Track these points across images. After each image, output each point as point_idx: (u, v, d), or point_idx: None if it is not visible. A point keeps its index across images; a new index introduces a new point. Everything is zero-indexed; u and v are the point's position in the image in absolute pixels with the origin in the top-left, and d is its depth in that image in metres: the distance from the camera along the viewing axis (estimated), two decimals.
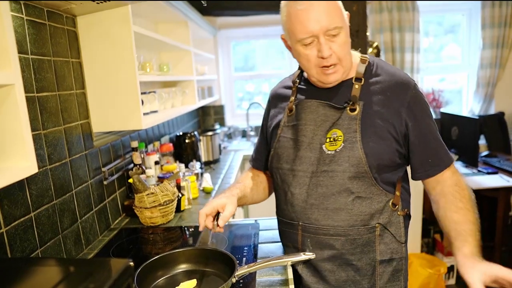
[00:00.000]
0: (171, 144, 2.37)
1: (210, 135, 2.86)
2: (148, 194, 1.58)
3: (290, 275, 1.14)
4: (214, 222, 1.10)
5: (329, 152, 1.08)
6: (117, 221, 1.71)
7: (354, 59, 1.16)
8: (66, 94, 1.35)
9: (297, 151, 1.13)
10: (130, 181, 1.62)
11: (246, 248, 1.34)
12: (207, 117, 3.91)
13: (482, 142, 3.49)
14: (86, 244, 1.43)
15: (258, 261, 1.13)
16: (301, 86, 1.21)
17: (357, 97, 1.09)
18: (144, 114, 1.58)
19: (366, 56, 1.16)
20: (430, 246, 3.25)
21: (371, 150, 1.05)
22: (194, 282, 1.08)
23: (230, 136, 3.89)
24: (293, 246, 1.17)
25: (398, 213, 1.12)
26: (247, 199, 1.30)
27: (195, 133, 2.57)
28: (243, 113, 3.95)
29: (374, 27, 3.45)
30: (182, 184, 1.86)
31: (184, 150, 2.50)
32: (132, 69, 1.47)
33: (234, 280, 1.03)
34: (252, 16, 3.62)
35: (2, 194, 1.00)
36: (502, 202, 2.71)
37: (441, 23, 3.83)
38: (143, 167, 1.81)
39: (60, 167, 1.29)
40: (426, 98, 1.14)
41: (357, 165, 1.05)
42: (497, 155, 3.26)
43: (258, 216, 1.71)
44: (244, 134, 3.91)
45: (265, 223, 1.56)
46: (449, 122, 3.23)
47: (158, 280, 1.11)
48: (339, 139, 1.07)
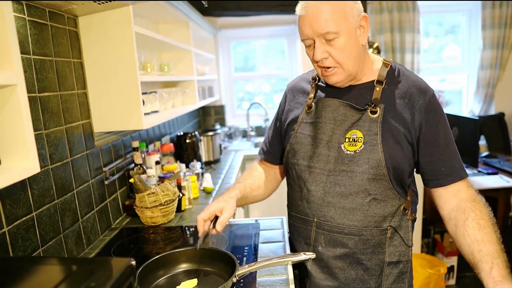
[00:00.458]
0: (172, 144, 2.37)
1: (211, 135, 2.86)
2: (149, 194, 1.59)
3: (291, 275, 1.15)
4: (210, 226, 1.13)
5: (348, 152, 1.09)
6: (118, 220, 1.72)
7: (377, 63, 1.17)
8: (67, 94, 1.35)
9: (315, 148, 1.14)
10: (131, 181, 1.62)
11: (246, 248, 1.34)
12: (208, 117, 3.92)
13: (482, 142, 3.49)
14: (87, 243, 1.43)
15: (259, 260, 1.14)
16: (321, 83, 1.22)
17: (378, 100, 1.10)
18: (145, 114, 1.59)
19: (389, 60, 1.17)
20: (430, 246, 3.25)
21: (388, 154, 1.06)
22: (194, 282, 1.09)
23: (230, 136, 3.89)
24: (304, 242, 1.19)
25: (408, 217, 1.14)
26: (248, 199, 1.30)
27: (196, 133, 2.58)
28: (244, 113, 3.96)
29: (375, 28, 3.45)
30: (183, 184, 1.87)
31: (184, 150, 2.51)
32: (133, 69, 1.47)
33: (234, 279, 1.03)
34: (252, 16, 3.63)
35: (4, 194, 1.01)
36: (502, 202, 2.72)
37: (441, 24, 3.83)
38: (144, 167, 1.82)
39: (61, 167, 1.29)
40: (442, 108, 1.14)
41: (376, 167, 1.06)
42: (497, 156, 3.27)
43: (259, 216, 1.71)
44: (244, 134, 3.92)
45: (265, 223, 1.56)
46: (449, 122, 3.22)
47: (159, 279, 1.11)
48: (359, 140, 1.08)
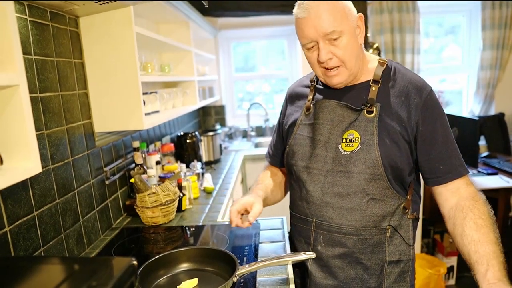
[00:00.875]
0: (172, 144, 2.38)
1: (211, 135, 2.87)
2: (149, 194, 1.59)
3: (291, 275, 1.15)
4: (242, 218, 1.16)
5: (345, 152, 1.10)
6: (118, 220, 1.72)
7: (373, 62, 1.17)
8: (68, 94, 1.36)
9: (313, 149, 1.15)
10: (132, 181, 1.63)
11: (247, 247, 1.35)
12: (208, 117, 3.92)
13: (482, 143, 3.49)
14: (88, 243, 1.44)
15: (259, 260, 1.14)
16: (318, 86, 1.23)
17: (374, 99, 1.10)
18: (145, 114, 1.59)
19: (385, 59, 1.17)
20: (430, 246, 3.26)
21: (385, 153, 1.06)
22: (195, 281, 1.09)
23: (230, 136, 3.90)
24: (305, 242, 1.20)
25: (408, 216, 1.13)
26: (269, 200, 1.32)
27: (196, 133, 2.58)
28: (244, 113, 3.96)
29: (375, 28, 3.45)
30: (183, 184, 1.87)
31: (185, 150, 2.51)
32: (133, 69, 1.47)
33: (235, 279, 1.04)
34: (252, 17, 3.63)
35: (6, 194, 1.01)
36: (502, 203, 2.72)
37: (441, 24, 3.83)
38: (145, 167, 1.82)
39: (62, 167, 1.30)
40: (441, 105, 1.13)
41: (373, 167, 1.06)
42: (497, 156, 3.27)
43: (259, 216, 1.72)
44: (244, 134, 3.92)
45: (265, 223, 1.57)
46: (449, 123, 3.22)
47: (159, 279, 1.12)
48: (356, 141, 1.09)
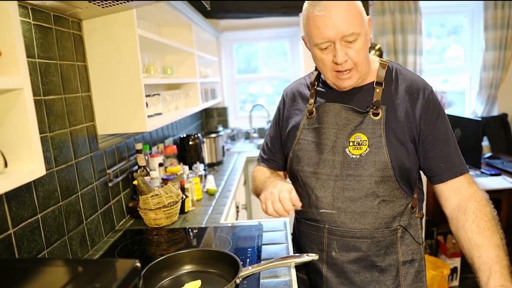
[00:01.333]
0: (175, 146, 2.38)
1: (214, 137, 2.87)
2: (152, 196, 1.60)
3: (294, 276, 1.15)
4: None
5: (353, 156, 1.09)
6: (121, 222, 1.73)
7: (374, 64, 1.16)
8: (72, 97, 1.36)
9: (320, 154, 1.13)
10: (135, 183, 1.63)
11: (250, 249, 1.35)
12: (211, 119, 3.93)
13: (485, 143, 3.48)
14: (91, 245, 1.44)
15: (262, 262, 1.14)
16: (320, 88, 1.21)
17: (379, 101, 1.09)
18: (148, 116, 1.59)
19: (386, 60, 1.16)
20: (434, 247, 3.24)
21: (394, 155, 1.06)
22: (198, 283, 1.09)
23: (233, 138, 3.90)
24: (317, 248, 1.18)
25: (416, 215, 1.15)
26: None
27: (199, 135, 2.59)
28: (246, 115, 3.96)
29: (377, 29, 3.45)
30: (186, 186, 1.87)
31: (187, 152, 2.51)
32: (136, 72, 1.48)
33: (238, 281, 1.04)
34: (255, 18, 3.64)
35: (10, 196, 1.02)
36: (505, 203, 2.71)
37: (443, 25, 3.83)
38: (148, 169, 1.82)
39: (66, 169, 1.30)
40: (441, 105, 1.13)
41: (383, 169, 1.07)
42: (500, 157, 3.26)
43: (262, 218, 1.72)
44: (247, 136, 3.92)
45: (268, 225, 1.57)
46: (452, 123, 3.15)
47: (163, 281, 1.12)
48: (364, 144, 1.08)
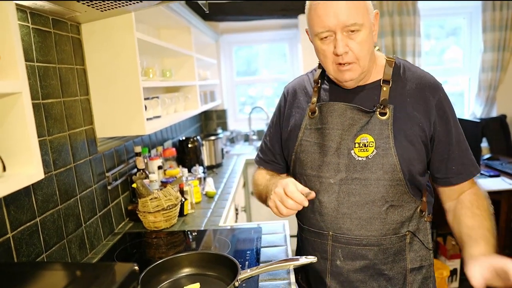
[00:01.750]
0: (174, 149, 2.38)
1: (213, 140, 2.88)
2: (151, 199, 1.60)
3: (293, 279, 1.15)
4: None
5: (359, 158, 1.03)
6: (121, 225, 1.73)
7: (380, 60, 1.11)
8: (70, 100, 1.37)
9: (323, 157, 1.08)
10: (134, 186, 1.63)
11: (248, 252, 1.35)
12: (210, 121, 3.93)
13: (484, 145, 3.48)
14: (90, 248, 1.44)
15: (261, 265, 1.14)
16: (324, 86, 1.14)
17: (387, 100, 1.04)
18: (147, 119, 1.60)
19: (392, 57, 1.11)
20: (433, 249, 3.24)
21: (403, 157, 1.01)
22: (197, 286, 1.09)
23: (232, 140, 3.90)
24: (321, 257, 1.12)
25: (425, 219, 1.10)
26: None
27: (198, 137, 2.59)
28: (246, 117, 3.97)
29: None
30: (185, 188, 1.88)
31: (187, 155, 2.52)
32: (135, 75, 1.48)
33: (237, 284, 1.04)
34: (254, 21, 3.65)
35: (8, 200, 1.02)
36: (504, 205, 2.71)
37: (442, 26, 3.84)
38: (147, 172, 1.83)
39: (65, 173, 1.31)
40: (452, 103, 1.09)
41: (391, 172, 1.01)
42: (499, 158, 3.26)
43: (261, 220, 1.72)
44: (246, 138, 3.93)
45: (267, 228, 1.57)
46: None
47: (161, 284, 1.12)
48: (371, 145, 1.02)
